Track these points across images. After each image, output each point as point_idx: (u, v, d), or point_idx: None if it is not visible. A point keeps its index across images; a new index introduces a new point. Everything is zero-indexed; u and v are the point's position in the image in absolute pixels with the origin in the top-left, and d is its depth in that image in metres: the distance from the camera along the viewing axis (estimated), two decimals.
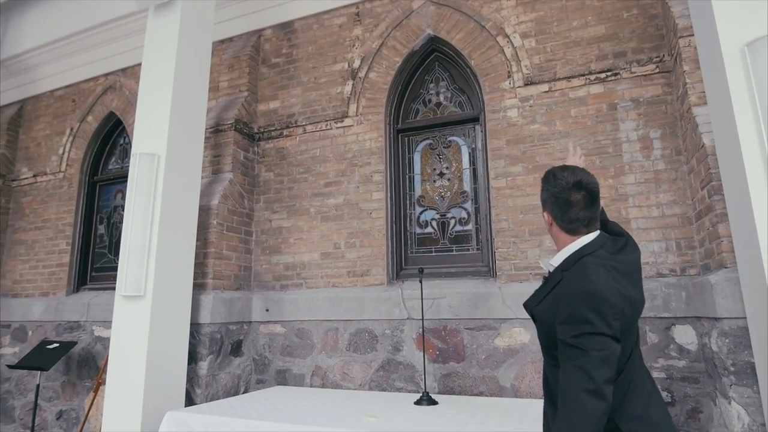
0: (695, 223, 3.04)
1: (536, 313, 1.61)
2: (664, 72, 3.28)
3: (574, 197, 1.55)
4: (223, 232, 3.92)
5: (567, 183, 1.56)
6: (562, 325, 1.41)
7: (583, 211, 1.55)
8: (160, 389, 3.16)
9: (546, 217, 1.65)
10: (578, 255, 1.53)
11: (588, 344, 1.34)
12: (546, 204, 1.64)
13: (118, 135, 5.36)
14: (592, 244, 1.55)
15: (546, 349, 1.59)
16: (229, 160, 4.10)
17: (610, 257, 1.52)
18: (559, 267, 1.58)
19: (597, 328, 1.35)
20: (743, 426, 2.37)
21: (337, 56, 4.28)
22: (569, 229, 1.57)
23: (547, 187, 1.62)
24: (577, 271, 1.48)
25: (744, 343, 2.41)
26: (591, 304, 1.37)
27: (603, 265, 1.47)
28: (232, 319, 3.85)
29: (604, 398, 1.31)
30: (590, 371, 1.31)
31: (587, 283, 1.41)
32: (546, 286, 1.62)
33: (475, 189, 3.83)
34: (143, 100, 3.54)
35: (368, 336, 3.68)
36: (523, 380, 3.23)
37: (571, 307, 1.40)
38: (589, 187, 1.56)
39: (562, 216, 1.57)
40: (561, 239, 1.61)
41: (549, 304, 1.53)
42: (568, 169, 1.61)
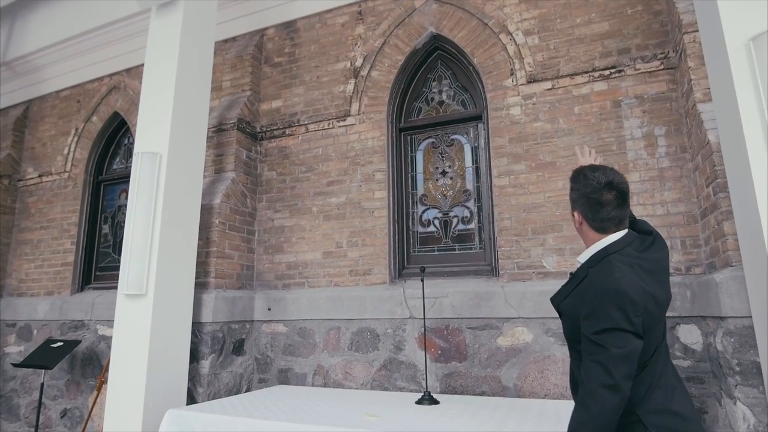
0: (700, 221, 3.01)
1: (562, 308, 1.64)
2: (669, 68, 3.24)
3: (606, 197, 1.59)
4: (226, 231, 3.92)
5: (599, 183, 1.59)
6: (585, 321, 1.46)
7: (614, 211, 1.59)
8: (162, 388, 3.17)
9: (576, 216, 1.67)
10: (604, 252, 1.57)
11: (609, 341, 1.38)
12: (576, 204, 1.66)
13: (122, 135, 5.39)
14: (619, 242, 1.59)
15: (570, 343, 1.63)
16: (232, 159, 4.10)
17: (636, 255, 1.55)
18: (585, 264, 1.62)
19: (619, 324, 1.39)
20: (749, 427, 2.34)
21: (340, 55, 4.27)
22: (600, 228, 1.61)
23: (578, 187, 1.65)
24: (603, 268, 1.52)
25: (749, 342, 2.38)
26: (614, 301, 1.41)
27: (628, 263, 1.51)
28: (234, 318, 3.85)
29: (621, 393, 1.36)
30: (609, 367, 1.36)
31: (611, 281, 1.45)
32: (572, 282, 1.65)
33: (477, 187, 3.81)
34: (146, 100, 3.55)
35: (370, 335, 3.67)
36: (526, 380, 3.20)
37: (595, 304, 1.44)
38: (621, 187, 1.60)
39: (593, 216, 1.61)
40: (590, 237, 1.65)
41: (574, 299, 1.57)
42: (599, 169, 1.65)
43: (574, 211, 1.68)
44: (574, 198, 1.67)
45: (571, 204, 1.70)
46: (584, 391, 1.41)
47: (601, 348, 1.38)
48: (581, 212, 1.64)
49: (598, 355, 1.38)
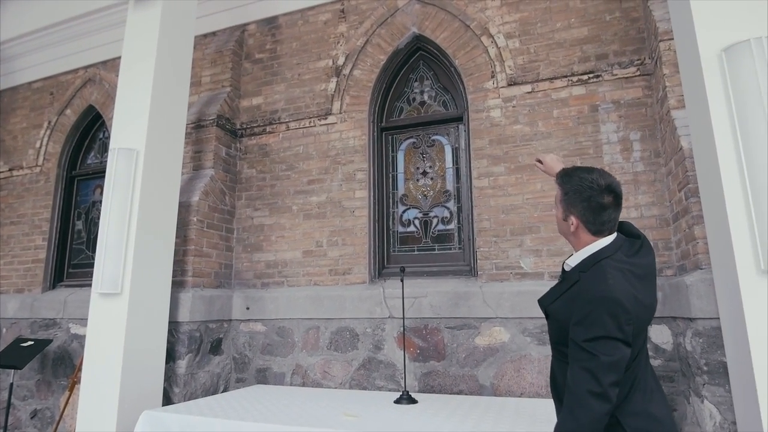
0: (672, 224, 3.09)
1: (551, 310, 1.62)
2: (645, 75, 3.32)
3: (607, 200, 1.55)
4: (204, 229, 3.87)
5: (599, 186, 1.56)
6: (575, 326, 1.44)
7: (613, 214, 1.58)
8: (137, 388, 3.12)
9: (573, 219, 1.60)
10: (597, 257, 1.54)
11: (599, 348, 1.37)
12: (573, 206, 1.60)
13: (97, 129, 5.26)
14: (611, 247, 1.56)
15: (555, 344, 1.62)
16: (211, 156, 4.05)
17: (627, 261, 1.53)
18: (576, 267, 1.59)
19: (610, 332, 1.37)
20: (715, 424, 2.42)
21: (322, 53, 4.25)
22: (597, 231, 1.58)
23: (575, 189, 1.60)
24: (595, 273, 1.49)
25: (717, 343, 2.46)
26: (607, 308, 1.39)
27: (620, 269, 1.49)
28: (212, 317, 3.80)
29: (609, 401, 1.36)
30: (598, 374, 1.35)
31: (604, 288, 1.43)
32: (562, 285, 1.63)
33: (457, 188, 3.84)
34: (122, 94, 3.48)
35: (349, 335, 3.67)
36: (503, 379, 3.25)
37: (587, 310, 1.42)
38: (618, 189, 1.58)
39: (594, 219, 1.57)
40: (584, 240, 1.60)
41: (564, 303, 1.55)
42: (594, 170, 1.61)
43: (570, 214, 1.61)
44: (571, 201, 1.61)
45: (564, 206, 1.64)
46: (572, 398, 1.40)
47: (591, 355, 1.37)
48: (579, 215, 1.59)
49: (587, 362, 1.37)
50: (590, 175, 1.59)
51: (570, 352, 1.46)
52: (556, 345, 1.63)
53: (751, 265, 2.03)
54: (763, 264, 1.98)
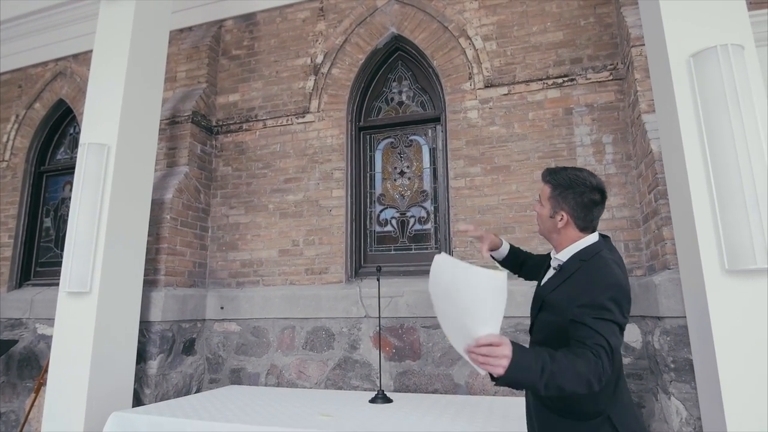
0: (642, 225, 3.16)
1: (549, 299, 1.63)
2: (617, 79, 3.39)
3: (597, 198, 1.63)
4: (177, 228, 3.80)
5: (591, 184, 1.63)
6: (581, 308, 1.44)
7: (600, 211, 1.66)
8: (106, 389, 3.04)
9: (561, 215, 1.64)
10: (595, 249, 1.60)
11: (605, 330, 1.39)
12: (565, 203, 1.64)
13: (67, 124, 5.12)
14: (602, 243, 1.64)
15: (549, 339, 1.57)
16: (186, 153, 3.98)
17: (612, 256, 1.59)
18: (575, 256, 1.62)
19: (615, 317, 1.42)
20: (681, 420, 2.48)
21: (300, 51, 4.22)
22: (585, 227, 1.64)
23: (567, 185, 1.65)
24: (599, 262, 1.54)
25: (684, 341, 2.53)
26: (613, 294, 1.44)
27: (616, 263, 1.55)
28: (185, 316, 3.74)
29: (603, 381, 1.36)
30: (609, 352, 1.36)
31: (612, 275, 1.48)
32: (561, 274, 1.64)
33: (435, 188, 3.86)
34: (93, 88, 3.39)
35: (325, 334, 3.65)
36: (477, 378, 3.27)
37: (596, 294, 1.45)
38: (605, 189, 1.66)
39: (585, 216, 1.63)
40: (571, 237, 1.65)
41: (566, 289, 1.57)
42: (583, 170, 1.68)
43: (560, 210, 1.65)
44: (562, 197, 1.65)
45: (553, 203, 1.67)
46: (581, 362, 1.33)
47: (599, 335, 1.38)
48: (570, 211, 1.64)
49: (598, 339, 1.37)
50: (581, 173, 1.66)
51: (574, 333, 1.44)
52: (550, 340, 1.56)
53: (715, 264, 2.09)
54: (727, 264, 2.05)
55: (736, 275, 2.05)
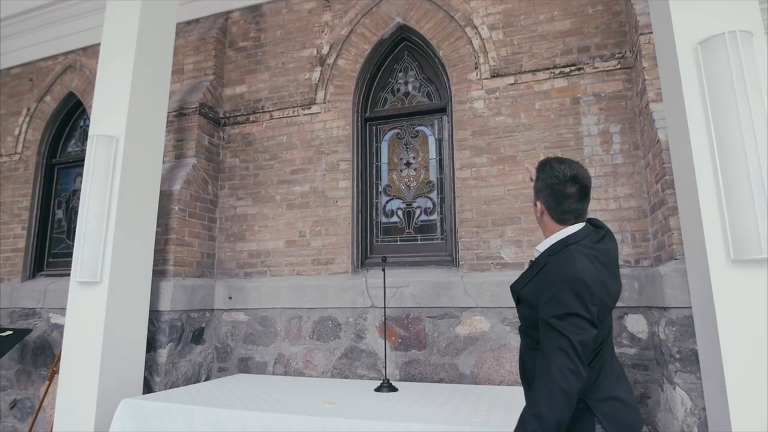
0: (649, 216, 3.14)
1: (522, 294, 1.67)
2: (626, 68, 3.35)
3: (570, 190, 1.62)
4: (186, 218, 3.85)
5: (564, 176, 1.63)
6: (544, 305, 1.49)
7: (575, 204, 1.64)
8: (117, 377, 3.10)
9: (538, 205, 1.70)
10: (564, 243, 1.61)
11: (567, 327, 1.42)
12: (540, 193, 1.69)
13: (78, 116, 5.18)
14: (578, 234, 1.63)
15: (526, 330, 1.66)
16: (193, 144, 4.02)
17: (592, 247, 1.60)
18: (545, 252, 1.65)
19: (577, 310, 1.43)
20: (686, 410, 2.48)
21: (306, 42, 4.22)
22: (560, 219, 1.66)
23: (543, 177, 1.68)
24: (563, 257, 1.56)
25: (689, 331, 2.51)
26: (573, 288, 1.45)
27: (587, 255, 1.55)
28: (194, 306, 3.79)
29: (582, 378, 1.40)
30: (569, 352, 1.39)
31: (572, 269, 1.49)
32: (532, 269, 1.68)
33: (440, 179, 3.86)
34: (102, 80, 3.42)
35: (332, 324, 3.69)
36: (482, 367, 3.29)
37: (555, 290, 1.47)
38: (584, 181, 1.64)
39: (556, 207, 1.65)
40: (550, 228, 1.69)
41: (534, 285, 1.60)
42: (566, 161, 1.68)
43: (537, 200, 1.71)
44: (538, 187, 1.70)
45: (535, 193, 1.73)
46: (547, 376, 1.41)
47: (560, 334, 1.41)
48: (544, 202, 1.68)
49: (558, 341, 1.41)
50: (560, 165, 1.66)
51: (541, 333, 1.50)
52: (527, 330, 1.66)
53: (721, 254, 2.08)
54: (733, 253, 2.03)
55: (742, 265, 2.03)
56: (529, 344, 1.65)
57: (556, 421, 1.36)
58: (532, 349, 1.62)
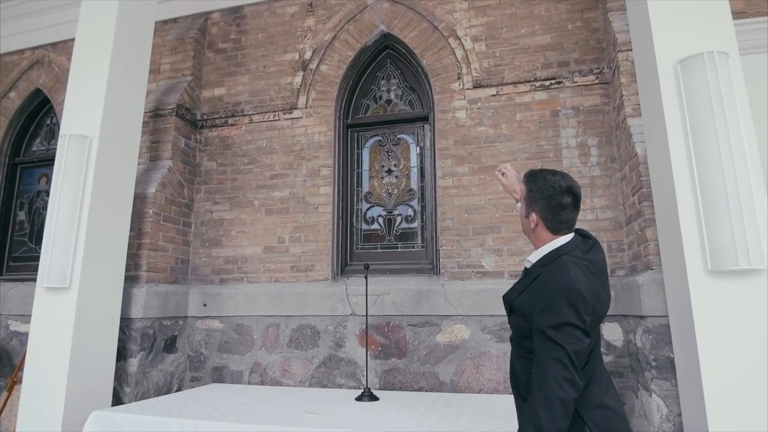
0: (625, 227, 3.23)
1: (515, 304, 1.68)
2: (603, 83, 3.46)
3: (566, 200, 1.65)
4: (160, 222, 3.73)
5: (560, 187, 1.65)
6: (539, 315, 1.50)
7: (571, 214, 1.66)
8: (85, 388, 2.96)
9: (533, 217, 1.70)
10: (557, 253, 1.62)
11: (562, 337, 1.43)
12: (535, 205, 1.69)
13: (44, 114, 4.96)
14: (570, 244, 1.65)
15: (519, 339, 1.66)
16: (169, 146, 3.90)
17: (583, 257, 1.61)
18: (538, 262, 1.66)
19: (571, 320, 1.44)
20: (662, 416, 2.55)
21: (288, 46, 4.18)
22: (556, 229, 1.67)
23: (538, 188, 1.69)
24: (557, 267, 1.57)
25: (665, 339, 2.59)
26: (568, 298, 1.46)
27: (579, 265, 1.56)
28: (167, 313, 3.67)
29: (578, 387, 1.42)
30: (565, 362, 1.41)
31: (567, 279, 1.50)
32: (525, 279, 1.69)
33: (422, 187, 3.87)
34: (76, 78, 3.29)
35: (310, 332, 3.63)
36: (462, 375, 3.30)
37: (550, 300, 1.49)
38: (578, 192, 1.68)
39: (553, 218, 1.66)
40: (543, 238, 1.69)
41: (528, 296, 1.61)
42: (558, 173, 1.71)
43: (531, 212, 1.71)
44: (532, 199, 1.70)
45: (527, 204, 1.73)
46: (544, 386, 1.42)
47: (556, 344, 1.43)
48: (540, 213, 1.68)
49: (554, 351, 1.43)
50: (553, 176, 1.69)
51: (536, 343, 1.51)
52: (520, 340, 1.67)
53: (699, 265, 2.16)
54: (710, 264, 2.11)
55: (719, 276, 2.11)
56: (520, 353, 1.67)
57: (556, 431, 1.37)
58: (524, 359, 1.64)
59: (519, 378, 1.68)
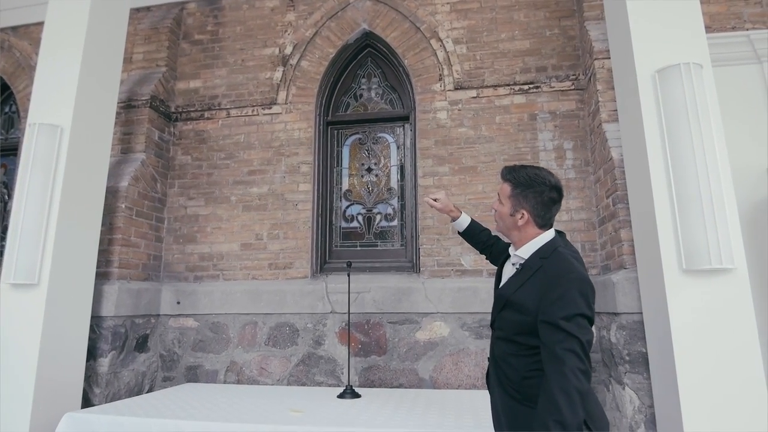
0: (598, 228, 3.37)
1: (513, 299, 1.62)
2: (579, 89, 3.59)
3: (555, 196, 1.65)
4: (132, 218, 3.60)
5: (550, 183, 1.65)
6: (550, 306, 1.46)
7: (558, 209, 1.69)
8: (54, 389, 2.83)
9: (522, 213, 1.66)
10: (552, 245, 1.62)
11: (574, 328, 1.41)
12: (525, 201, 1.66)
13: (3, 102, 4.68)
14: (558, 239, 1.66)
15: (513, 336, 1.61)
16: (143, 139, 3.77)
17: (573, 250, 1.64)
18: (535, 255, 1.63)
19: (583, 310, 1.43)
20: (635, 408, 2.68)
21: (268, 40, 4.12)
22: (544, 224, 1.67)
23: (527, 184, 1.66)
24: (558, 258, 1.56)
25: (638, 335, 2.72)
26: (579, 288, 1.46)
27: (575, 257, 1.58)
28: (139, 311, 3.55)
29: (590, 378, 1.41)
30: (579, 352, 1.39)
31: (573, 270, 1.50)
32: (522, 273, 1.64)
33: (401, 186, 3.90)
34: (45, 64, 3.14)
35: (289, 330, 3.60)
36: (441, 372, 3.35)
37: (561, 290, 1.46)
38: (561, 187, 1.69)
39: (544, 213, 1.65)
40: (530, 234, 1.67)
41: (529, 289, 1.57)
42: (540, 168, 1.70)
43: (521, 208, 1.67)
44: (524, 195, 1.67)
45: (514, 201, 1.69)
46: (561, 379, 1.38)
47: (569, 335, 1.40)
48: (531, 209, 1.66)
49: (567, 343, 1.40)
50: (540, 171, 1.69)
51: (544, 336, 1.47)
52: (514, 336, 1.61)
53: (674, 265, 2.28)
54: (685, 264, 2.24)
55: (693, 274, 2.24)
56: (514, 350, 1.62)
57: (577, 423, 1.35)
58: (520, 356, 1.59)
59: (511, 376, 1.62)
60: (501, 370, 1.68)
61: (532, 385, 1.55)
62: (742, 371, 2.13)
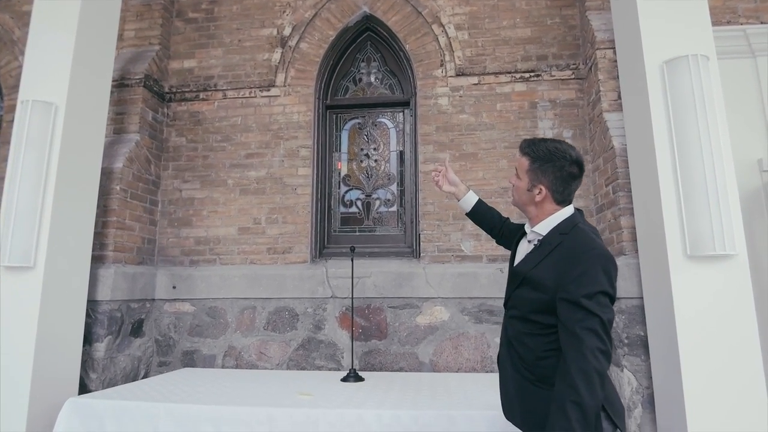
0: (596, 215, 3.45)
1: (531, 275, 1.57)
2: (578, 78, 3.64)
3: (575, 170, 1.59)
4: (127, 200, 3.50)
5: (571, 157, 1.58)
6: (571, 283, 1.41)
7: (578, 184, 1.63)
8: (51, 375, 2.75)
9: (540, 188, 1.60)
10: (572, 221, 1.57)
11: (596, 305, 1.36)
12: (545, 176, 1.60)
13: None
14: (578, 215, 1.61)
15: (528, 314, 1.57)
16: (137, 119, 3.66)
17: (593, 228, 1.61)
18: (554, 230, 1.58)
19: (605, 288, 1.39)
20: (632, 389, 2.78)
21: (266, 21, 4.03)
22: (564, 200, 1.61)
23: (546, 158, 1.60)
24: (580, 234, 1.51)
25: (636, 319, 2.81)
26: (602, 265, 1.41)
27: (594, 233, 1.55)
28: (134, 296, 3.47)
29: (610, 358, 1.37)
30: (600, 332, 1.34)
31: (595, 246, 1.45)
32: (541, 249, 1.59)
33: (401, 171, 3.90)
34: (37, 38, 3.00)
35: (288, 314, 3.58)
36: (441, 356, 3.40)
37: (583, 267, 1.41)
38: (582, 161, 1.62)
39: (564, 189, 1.59)
40: (547, 210, 1.62)
41: (549, 265, 1.52)
42: (563, 143, 1.63)
43: (539, 183, 1.60)
44: (543, 169, 1.60)
45: (532, 176, 1.62)
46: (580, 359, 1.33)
47: (590, 314, 1.35)
48: (550, 185, 1.59)
49: (588, 322, 1.35)
50: (561, 145, 1.61)
51: (563, 314, 1.42)
52: (529, 315, 1.57)
53: (679, 250, 2.35)
54: (689, 249, 2.31)
55: (697, 260, 2.32)
56: (529, 329, 1.58)
57: (596, 405, 1.32)
58: (535, 335, 1.55)
59: (525, 356, 1.59)
60: (514, 350, 1.64)
61: (546, 366, 1.53)
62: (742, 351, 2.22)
